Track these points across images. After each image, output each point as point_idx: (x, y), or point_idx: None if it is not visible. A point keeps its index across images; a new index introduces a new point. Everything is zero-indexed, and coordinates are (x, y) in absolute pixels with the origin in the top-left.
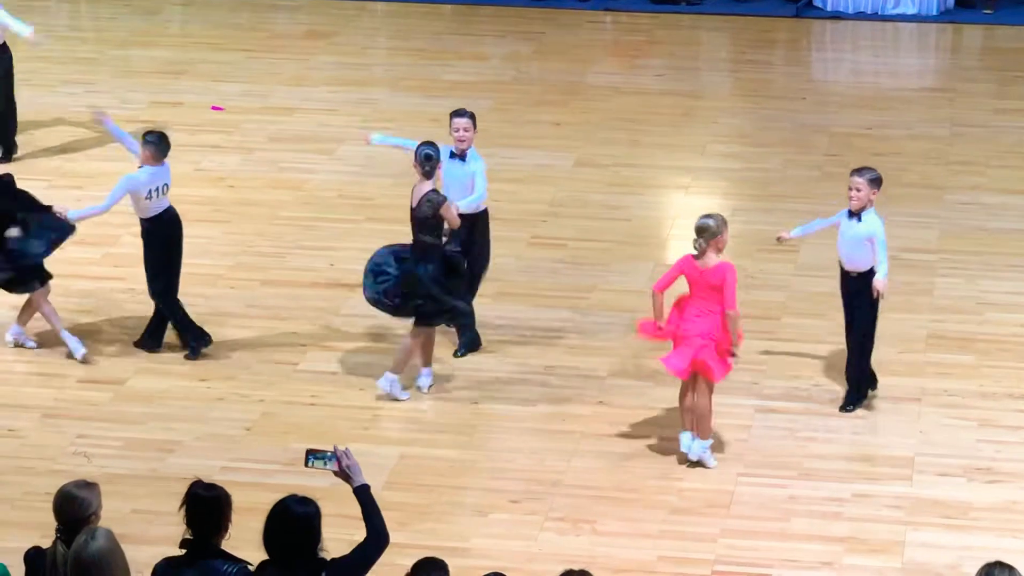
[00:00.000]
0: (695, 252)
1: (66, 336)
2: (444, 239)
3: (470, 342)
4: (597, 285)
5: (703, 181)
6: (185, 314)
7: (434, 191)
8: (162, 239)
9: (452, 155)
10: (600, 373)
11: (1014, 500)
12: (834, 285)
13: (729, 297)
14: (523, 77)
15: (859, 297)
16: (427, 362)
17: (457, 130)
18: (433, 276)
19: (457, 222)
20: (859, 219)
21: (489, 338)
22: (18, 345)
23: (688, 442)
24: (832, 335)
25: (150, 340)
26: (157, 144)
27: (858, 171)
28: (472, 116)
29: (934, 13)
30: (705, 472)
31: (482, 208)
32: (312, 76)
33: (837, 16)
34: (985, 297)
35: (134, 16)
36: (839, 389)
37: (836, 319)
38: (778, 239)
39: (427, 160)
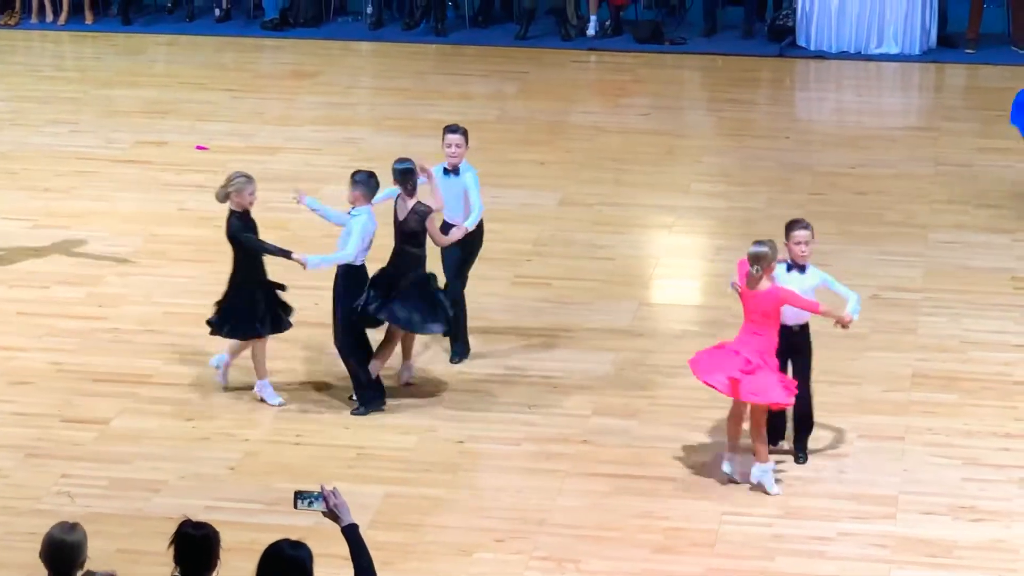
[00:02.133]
0: (749, 281)
1: (266, 385)
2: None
3: (463, 349)
4: (581, 324)
5: (687, 220)
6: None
7: (420, 203)
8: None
9: (445, 171)
10: (584, 412)
11: (999, 539)
12: (818, 324)
13: (806, 305)
14: (507, 116)
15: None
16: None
17: (449, 145)
18: (414, 282)
19: (442, 239)
20: (803, 272)
21: (473, 377)
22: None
23: (729, 468)
24: (816, 373)
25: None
26: (366, 183)
27: (801, 223)
28: (465, 132)
29: (917, 53)
30: (689, 511)
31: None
32: (297, 116)
33: (820, 55)
34: (969, 336)
35: (118, 56)
36: (824, 427)
37: (819, 358)
38: (732, 285)
39: (403, 176)
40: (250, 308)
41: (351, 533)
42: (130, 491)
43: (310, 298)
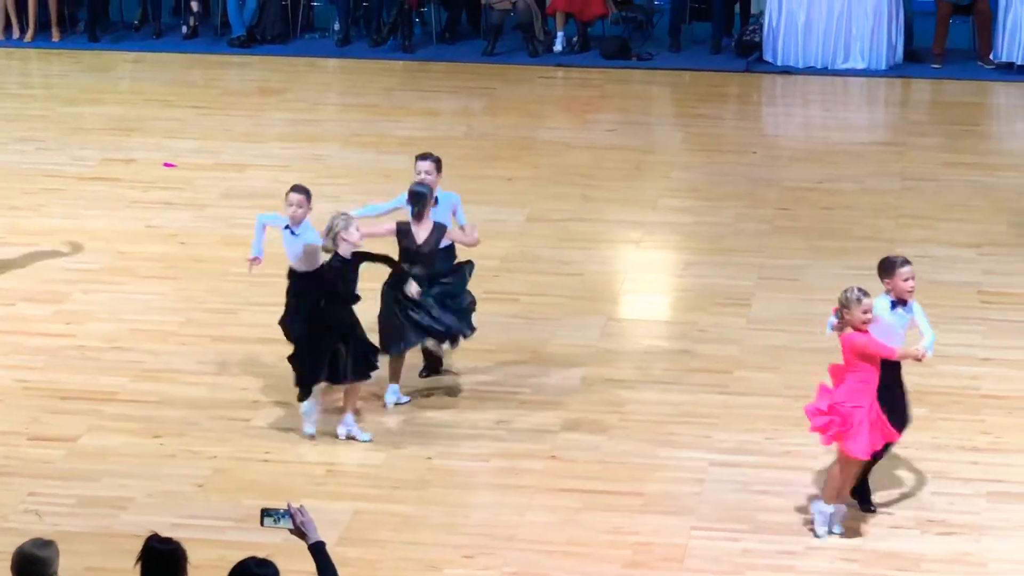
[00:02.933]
0: (837, 325)
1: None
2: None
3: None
4: (549, 340)
5: (655, 235)
6: None
7: (437, 223)
8: None
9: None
10: (553, 427)
11: (966, 551)
12: (787, 339)
13: (880, 350)
14: (474, 132)
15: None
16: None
17: (419, 173)
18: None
19: (475, 240)
20: (907, 307)
21: (441, 393)
22: (350, 438)
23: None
24: (784, 388)
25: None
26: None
27: (904, 260)
28: (437, 160)
29: (883, 68)
30: (658, 526)
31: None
32: (264, 132)
33: (787, 71)
34: (937, 350)
35: (85, 73)
36: (791, 442)
37: (788, 372)
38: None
39: (417, 199)
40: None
41: (318, 550)
42: (98, 509)
43: (275, 315)
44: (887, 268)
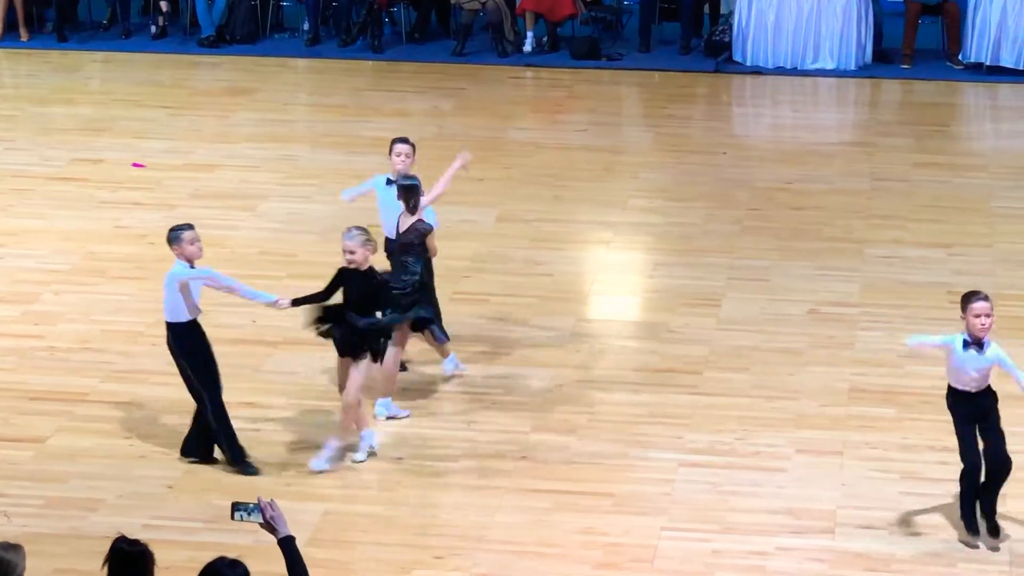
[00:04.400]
0: None
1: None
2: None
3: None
4: (520, 340)
5: (625, 236)
6: None
7: (421, 220)
8: None
9: (389, 181)
10: (523, 428)
11: (936, 552)
12: (757, 339)
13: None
14: (445, 133)
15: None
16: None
17: (399, 155)
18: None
19: (436, 251)
20: (981, 349)
21: (412, 394)
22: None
23: None
24: (754, 388)
25: None
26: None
27: (979, 295)
28: (413, 145)
29: (853, 68)
30: (628, 527)
31: None
32: (233, 133)
33: (757, 71)
34: (906, 351)
35: (54, 73)
36: (761, 443)
37: (757, 373)
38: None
39: (407, 192)
40: None
41: (287, 545)
42: (67, 510)
43: (248, 316)
44: (963, 301)
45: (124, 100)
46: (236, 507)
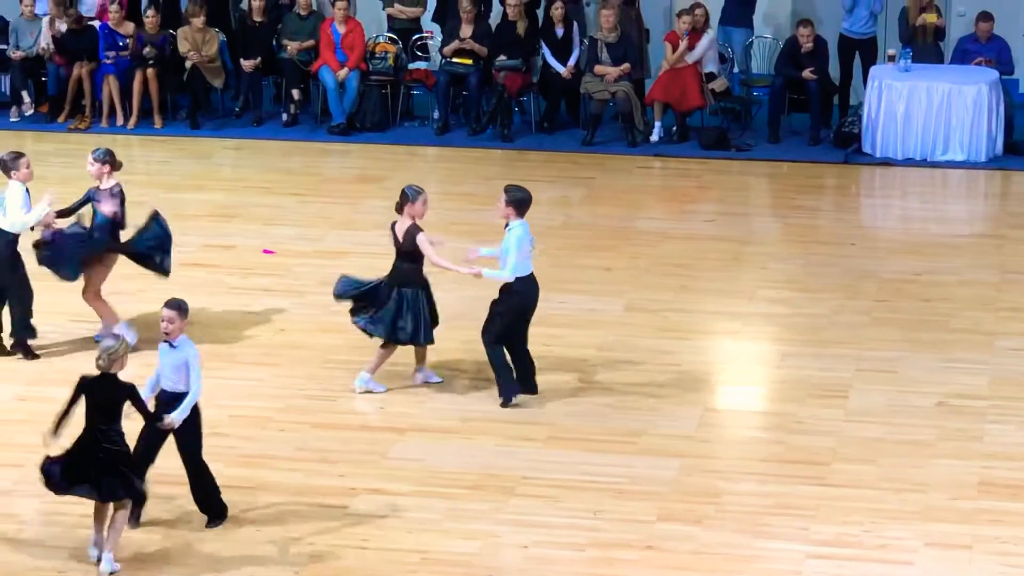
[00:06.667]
0: None
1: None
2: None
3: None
4: (646, 429)
5: (752, 327)
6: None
7: (414, 223)
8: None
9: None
10: (649, 518)
11: None
12: (884, 431)
13: None
14: (572, 222)
15: None
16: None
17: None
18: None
19: (433, 256)
20: None
21: (537, 483)
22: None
23: None
24: (882, 480)
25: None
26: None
27: None
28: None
29: (983, 160)
30: None
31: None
32: (363, 220)
33: (886, 162)
34: None
35: (187, 160)
36: (888, 536)
37: (885, 465)
38: None
39: (402, 198)
40: None
41: None
42: None
43: (373, 402)
44: None
45: (255, 187)
46: None
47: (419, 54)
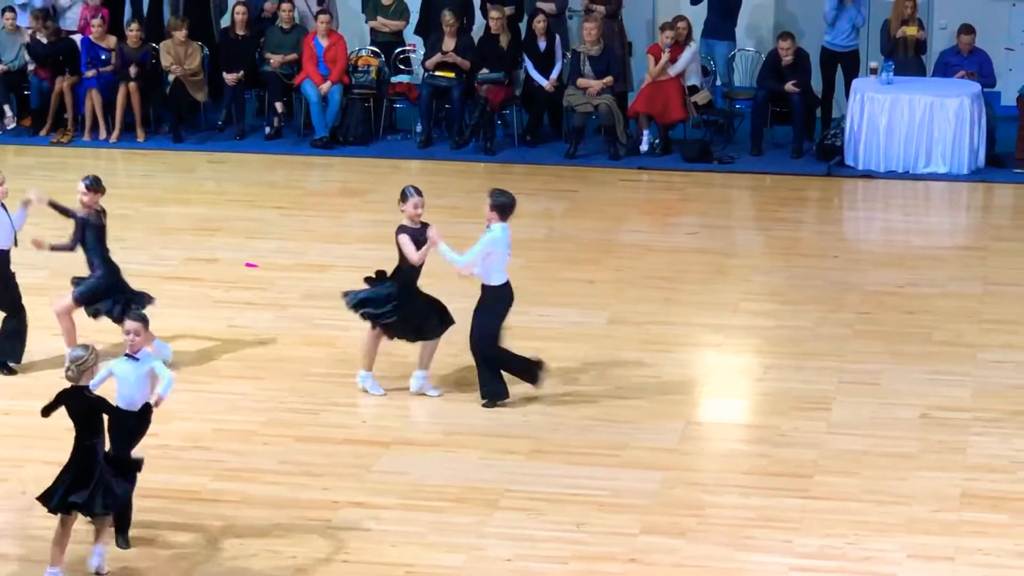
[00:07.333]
0: None
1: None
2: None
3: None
4: (629, 443)
5: (735, 339)
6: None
7: (401, 225)
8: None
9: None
10: (632, 531)
11: None
12: (867, 444)
13: None
14: (555, 235)
15: None
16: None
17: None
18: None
19: (411, 255)
20: None
21: (522, 496)
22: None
23: None
24: (865, 493)
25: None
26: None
27: None
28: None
29: (965, 172)
30: None
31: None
32: (346, 233)
33: (868, 175)
34: (1019, 456)
35: (169, 173)
36: (872, 548)
37: (868, 477)
38: None
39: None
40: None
41: None
42: None
43: (358, 415)
44: None
45: (238, 200)
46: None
47: (402, 67)
